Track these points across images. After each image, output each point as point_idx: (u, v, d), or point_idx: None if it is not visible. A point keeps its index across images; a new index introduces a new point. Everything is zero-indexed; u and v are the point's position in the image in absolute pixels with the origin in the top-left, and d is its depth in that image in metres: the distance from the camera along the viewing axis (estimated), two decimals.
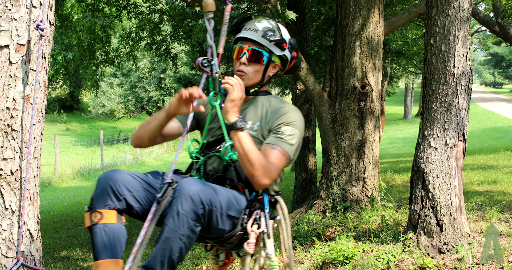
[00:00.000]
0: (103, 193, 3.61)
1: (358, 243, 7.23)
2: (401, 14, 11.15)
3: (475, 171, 15.57)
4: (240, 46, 4.15)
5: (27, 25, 3.84)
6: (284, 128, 3.97)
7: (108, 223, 3.59)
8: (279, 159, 3.85)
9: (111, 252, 3.61)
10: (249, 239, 3.77)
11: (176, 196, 3.38)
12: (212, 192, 3.49)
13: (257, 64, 4.13)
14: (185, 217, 3.34)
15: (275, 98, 4.31)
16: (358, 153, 9.26)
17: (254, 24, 4.19)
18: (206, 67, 3.91)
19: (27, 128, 3.87)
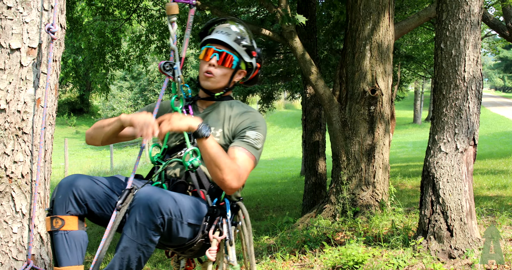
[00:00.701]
0: (65, 199, 3.58)
1: (368, 248, 7.22)
2: (411, 18, 11.13)
3: (485, 176, 15.55)
4: (210, 47, 4.10)
5: (38, 28, 3.85)
6: (250, 132, 3.97)
7: (70, 229, 3.58)
8: (247, 162, 3.86)
9: (72, 259, 3.58)
10: (211, 246, 3.77)
11: (134, 205, 3.37)
12: (172, 200, 3.46)
13: (226, 67, 4.12)
14: (143, 227, 3.33)
15: (237, 103, 4.31)
16: (368, 157, 9.24)
17: (226, 27, 4.19)
18: (168, 71, 3.95)
19: (38, 131, 3.87)
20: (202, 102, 4.27)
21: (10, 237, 3.77)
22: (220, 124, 4.09)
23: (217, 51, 4.07)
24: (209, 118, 4.14)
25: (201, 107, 4.27)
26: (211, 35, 4.16)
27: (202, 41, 4.22)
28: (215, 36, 4.11)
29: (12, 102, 3.73)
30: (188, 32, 4.04)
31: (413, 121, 58.96)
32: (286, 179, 25.06)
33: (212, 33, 4.17)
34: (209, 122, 4.10)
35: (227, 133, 4.05)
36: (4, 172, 3.73)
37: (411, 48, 26.43)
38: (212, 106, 4.23)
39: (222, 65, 4.08)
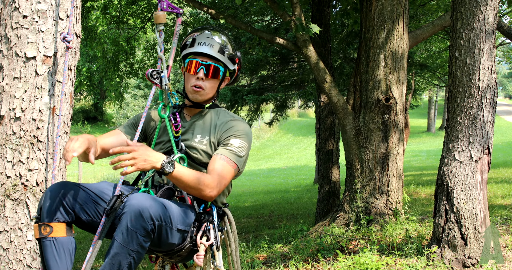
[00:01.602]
0: (52, 206, 3.60)
1: (382, 257, 7.20)
2: (425, 27, 11.11)
3: (499, 185, 15.48)
4: (196, 60, 4.13)
5: (53, 37, 3.87)
6: (233, 140, 4.05)
7: (58, 236, 3.61)
8: (227, 171, 3.94)
9: (62, 265, 3.63)
10: (199, 251, 3.84)
11: (126, 211, 3.38)
12: (162, 207, 3.51)
13: (214, 79, 4.18)
14: (134, 233, 3.35)
15: (224, 111, 4.37)
16: (382, 166, 9.22)
17: (207, 38, 4.20)
18: (155, 79, 3.98)
19: (53, 139, 3.89)
20: (189, 109, 4.33)
21: (24, 245, 3.79)
22: (206, 132, 4.17)
23: (203, 64, 4.12)
24: (195, 126, 4.22)
25: (188, 114, 4.33)
26: (194, 47, 4.18)
27: (184, 54, 4.26)
28: (200, 49, 4.14)
29: (27, 111, 3.75)
30: (175, 41, 4.12)
31: (427, 129, 58.80)
32: (300, 187, 25.04)
33: (195, 46, 4.18)
34: (196, 129, 4.19)
35: (213, 140, 4.12)
36: (19, 180, 3.76)
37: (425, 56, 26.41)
38: (199, 114, 4.30)
39: (210, 77, 4.14)
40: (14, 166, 3.75)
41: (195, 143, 4.11)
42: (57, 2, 3.92)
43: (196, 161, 4.06)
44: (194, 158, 4.05)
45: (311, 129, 48.86)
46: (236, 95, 20.33)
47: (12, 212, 3.77)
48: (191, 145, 4.12)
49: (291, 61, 19.73)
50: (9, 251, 3.79)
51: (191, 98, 4.20)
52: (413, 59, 20.73)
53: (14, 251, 3.77)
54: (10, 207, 3.78)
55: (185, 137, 4.17)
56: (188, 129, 4.21)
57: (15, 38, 3.77)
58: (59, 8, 3.93)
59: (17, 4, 3.79)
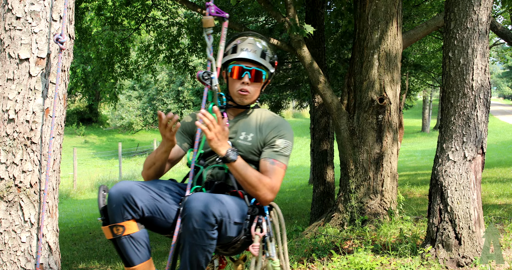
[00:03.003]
0: (119, 207, 3.77)
1: (376, 256, 7.21)
2: (419, 27, 11.13)
3: (493, 184, 15.50)
4: (240, 66, 4.33)
5: (47, 39, 3.87)
6: (279, 141, 4.27)
7: (132, 233, 3.82)
8: (279, 173, 4.16)
9: (142, 256, 3.89)
10: (254, 242, 4.02)
11: (188, 214, 3.56)
12: (220, 202, 3.65)
13: (257, 83, 4.40)
14: (203, 231, 3.54)
15: (265, 111, 4.59)
16: (376, 166, 9.24)
17: (250, 43, 4.42)
18: (206, 80, 4.10)
19: (47, 141, 3.89)
20: (233, 110, 4.51)
21: (18, 246, 3.79)
22: (251, 129, 4.37)
23: (247, 69, 4.32)
24: (239, 124, 4.41)
25: (232, 114, 4.52)
26: (237, 54, 4.36)
27: (228, 60, 4.41)
28: (244, 55, 4.33)
29: (20, 112, 3.75)
30: (223, 44, 4.21)
31: (422, 129, 58.86)
32: (294, 187, 25.06)
33: (238, 52, 4.37)
34: (240, 128, 4.38)
35: (259, 138, 4.32)
36: (13, 182, 3.76)
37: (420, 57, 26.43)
38: (243, 113, 4.50)
39: (254, 81, 4.35)
40: (7, 168, 3.75)
41: (240, 141, 4.31)
42: (50, 3, 3.92)
43: (242, 157, 4.15)
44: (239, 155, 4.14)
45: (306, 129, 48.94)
46: None
47: (6, 214, 3.77)
48: (235, 142, 4.31)
49: (285, 62, 19.73)
50: (3, 253, 3.79)
51: (237, 101, 4.41)
52: (407, 59, 20.75)
53: (8, 253, 3.77)
54: (4, 209, 3.78)
55: (230, 135, 4.33)
56: (232, 127, 4.39)
57: (8, 39, 3.77)
58: (52, 9, 3.93)
59: (10, 6, 3.79)
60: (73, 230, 14.78)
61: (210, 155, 4.36)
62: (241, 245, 4.09)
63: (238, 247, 4.10)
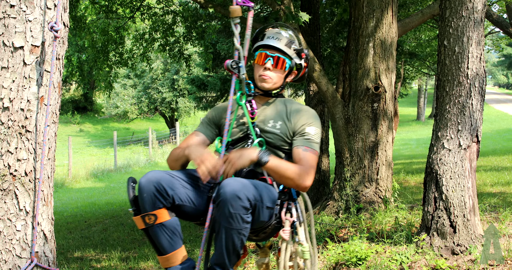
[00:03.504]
0: (150, 196, 3.85)
1: (371, 244, 7.23)
2: (414, 16, 11.12)
3: (488, 173, 15.52)
4: (264, 52, 4.42)
5: (41, 27, 3.86)
6: (309, 129, 4.32)
7: (164, 221, 3.90)
8: (312, 160, 4.20)
9: (175, 244, 3.98)
10: (284, 227, 4.15)
11: (223, 198, 3.62)
12: (253, 187, 3.73)
13: (280, 70, 4.43)
14: (238, 215, 3.63)
15: (291, 100, 4.63)
16: (371, 154, 9.25)
17: (276, 33, 4.50)
18: (234, 69, 4.23)
19: (41, 129, 3.88)
20: (259, 97, 4.57)
21: (14, 235, 3.79)
22: (279, 117, 4.43)
23: (270, 55, 4.41)
24: (266, 112, 4.48)
25: (259, 102, 4.56)
26: (263, 41, 4.48)
27: (255, 47, 4.54)
28: (268, 41, 4.44)
29: (15, 101, 3.74)
30: (249, 33, 4.28)
31: (417, 118, 58.92)
32: None
33: (264, 39, 4.49)
34: (267, 116, 4.45)
35: (288, 126, 4.37)
36: (8, 170, 3.75)
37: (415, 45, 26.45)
38: (268, 102, 4.57)
39: (277, 68, 4.41)
40: (2, 156, 3.74)
41: (268, 128, 4.37)
42: None
43: (271, 144, 4.35)
44: (268, 142, 4.32)
45: None
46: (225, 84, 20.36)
47: (1, 202, 3.76)
48: (264, 129, 4.38)
49: None
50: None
51: (259, 86, 4.47)
52: (403, 47, 20.76)
53: (3, 241, 3.76)
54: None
55: (258, 124, 4.41)
56: (260, 115, 4.46)
57: (2, 27, 3.75)
58: None
59: None
60: (69, 219, 14.77)
61: (238, 143, 4.44)
62: (271, 230, 4.19)
63: (268, 232, 4.20)
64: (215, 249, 3.79)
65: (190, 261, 4.03)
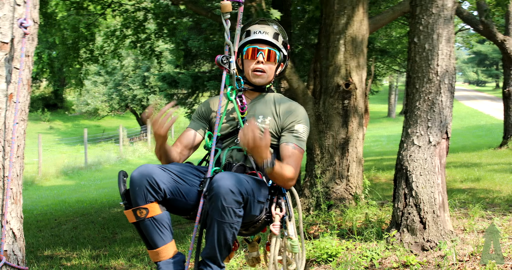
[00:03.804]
0: (142, 190, 3.87)
1: (342, 241, 7.26)
2: (385, 13, 11.18)
3: (458, 169, 15.64)
4: (254, 47, 4.47)
5: (10, 23, 3.83)
6: (297, 126, 4.41)
7: (155, 215, 3.91)
8: (300, 159, 4.33)
9: (165, 238, 3.97)
10: (274, 221, 4.17)
11: (216, 192, 3.67)
12: (245, 181, 3.79)
13: (271, 62, 4.50)
14: (231, 209, 3.67)
15: (280, 95, 4.73)
16: (341, 151, 9.28)
17: (261, 27, 4.57)
18: (225, 64, 4.31)
19: (10, 126, 3.86)
20: (249, 92, 4.63)
21: None
22: (268, 113, 4.50)
23: (261, 49, 4.46)
24: (256, 107, 4.53)
25: (248, 97, 4.62)
26: (250, 36, 4.52)
27: (241, 44, 4.56)
28: (257, 36, 4.49)
29: None
30: (239, 28, 4.38)
31: (388, 115, 59.22)
32: None
33: (251, 35, 4.53)
34: (257, 111, 4.51)
35: (277, 122, 4.45)
36: None
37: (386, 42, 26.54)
38: (258, 97, 4.63)
39: (268, 61, 4.47)
40: None
41: (258, 123, 4.41)
42: None
43: None
44: None
45: None
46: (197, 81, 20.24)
47: None
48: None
49: None
50: None
51: (253, 82, 4.52)
52: (374, 44, 20.82)
53: None
54: None
55: (247, 118, 4.47)
56: (249, 110, 4.53)
57: None
58: None
59: None
60: (38, 217, 14.66)
61: (228, 138, 4.50)
62: (261, 224, 4.23)
63: (258, 226, 4.24)
64: (206, 243, 3.82)
65: (180, 255, 4.04)
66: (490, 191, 11.09)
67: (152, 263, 7.52)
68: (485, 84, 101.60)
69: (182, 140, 4.58)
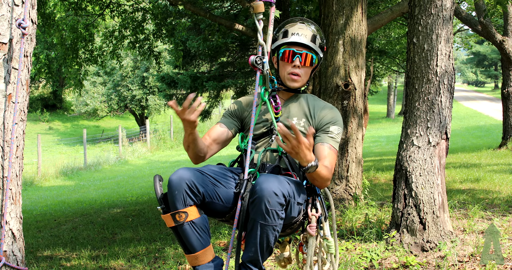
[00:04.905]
0: (181, 193, 3.85)
1: (342, 241, 7.25)
2: (384, 13, 11.17)
3: (458, 170, 15.62)
4: (291, 50, 4.41)
5: (9, 24, 3.83)
6: (333, 127, 4.41)
7: (194, 219, 3.91)
8: (334, 159, 4.31)
9: (204, 242, 3.97)
10: (311, 222, 4.20)
11: (259, 195, 3.66)
12: (286, 183, 3.78)
13: (308, 67, 4.46)
14: (274, 211, 3.67)
15: (313, 97, 4.69)
16: (341, 151, 9.27)
17: (300, 28, 4.47)
18: (258, 65, 4.26)
19: (9, 127, 3.85)
20: (282, 93, 4.61)
21: None
22: (302, 114, 4.50)
23: (298, 52, 4.40)
24: (290, 108, 4.54)
25: (282, 98, 4.61)
26: (288, 38, 4.44)
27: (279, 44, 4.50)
28: (295, 39, 4.42)
29: None
30: (271, 28, 4.36)
31: (387, 115, 59.16)
32: None
33: (289, 36, 4.45)
34: (291, 112, 4.51)
35: (312, 124, 4.45)
36: None
37: (385, 43, 26.55)
38: (293, 97, 4.60)
39: (305, 65, 4.43)
40: None
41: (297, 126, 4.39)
42: None
43: None
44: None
45: None
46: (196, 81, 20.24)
47: None
48: (289, 125, 4.35)
49: (250, 48, 19.72)
50: None
51: (288, 85, 4.47)
52: (372, 45, 20.84)
53: None
54: None
55: (282, 120, 4.47)
56: (283, 111, 4.52)
57: None
58: None
59: None
60: (38, 217, 14.67)
61: (261, 138, 4.49)
62: (297, 226, 4.22)
63: (295, 227, 4.23)
64: (247, 246, 3.81)
65: (218, 259, 4.06)
66: (489, 192, 11.08)
67: (151, 264, 7.52)
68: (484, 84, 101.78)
69: (211, 134, 4.51)
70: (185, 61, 21.65)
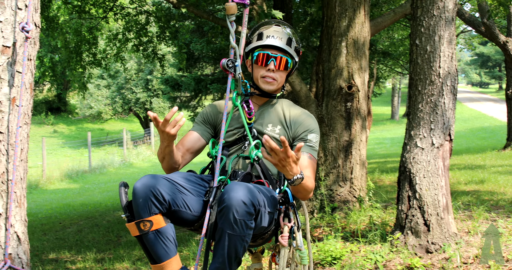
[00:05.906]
0: (146, 201, 3.68)
1: (346, 244, 7.25)
2: (387, 15, 11.16)
3: (462, 171, 15.62)
4: (266, 53, 4.26)
5: (12, 27, 3.83)
6: (311, 135, 4.29)
7: (159, 227, 3.73)
8: (315, 169, 4.21)
9: (170, 252, 3.78)
10: (283, 232, 3.98)
11: (227, 204, 3.49)
12: (256, 192, 3.61)
13: (283, 70, 4.31)
14: (243, 221, 3.48)
15: (288, 102, 4.56)
16: (345, 153, 9.27)
17: (275, 31, 4.33)
18: (230, 68, 4.14)
19: (13, 130, 3.86)
20: (257, 98, 4.46)
21: None
22: (278, 121, 4.37)
23: (272, 56, 4.26)
24: (265, 114, 4.39)
25: (256, 103, 4.47)
26: (263, 40, 4.30)
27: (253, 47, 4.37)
28: (270, 41, 4.28)
29: None
30: (244, 31, 4.21)
31: (391, 117, 59.17)
32: None
33: (264, 39, 4.31)
34: (265, 119, 4.37)
35: (288, 132, 4.33)
36: None
37: (388, 44, 26.56)
38: (267, 103, 4.47)
39: (280, 69, 4.28)
40: None
41: (268, 131, 4.30)
42: None
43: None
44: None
45: None
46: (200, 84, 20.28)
47: None
48: (263, 132, 4.30)
49: None
50: None
51: (263, 88, 4.33)
52: (376, 47, 20.85)
53: None
54: None
55: (256, 126, 4.33)
56: (258, 117, 4.38)
57: None
58: None
59: None
60: (43, 220, 14.69)
61: (234, 145, 4.36)
62: (269, 236, 4.11)
63: (266, 238, 4.12)
64: (215, 257, 3.66)
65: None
66: (494, 193, 11.07)
67: None
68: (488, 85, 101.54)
69: (184, 143, 4.37)
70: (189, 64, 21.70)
